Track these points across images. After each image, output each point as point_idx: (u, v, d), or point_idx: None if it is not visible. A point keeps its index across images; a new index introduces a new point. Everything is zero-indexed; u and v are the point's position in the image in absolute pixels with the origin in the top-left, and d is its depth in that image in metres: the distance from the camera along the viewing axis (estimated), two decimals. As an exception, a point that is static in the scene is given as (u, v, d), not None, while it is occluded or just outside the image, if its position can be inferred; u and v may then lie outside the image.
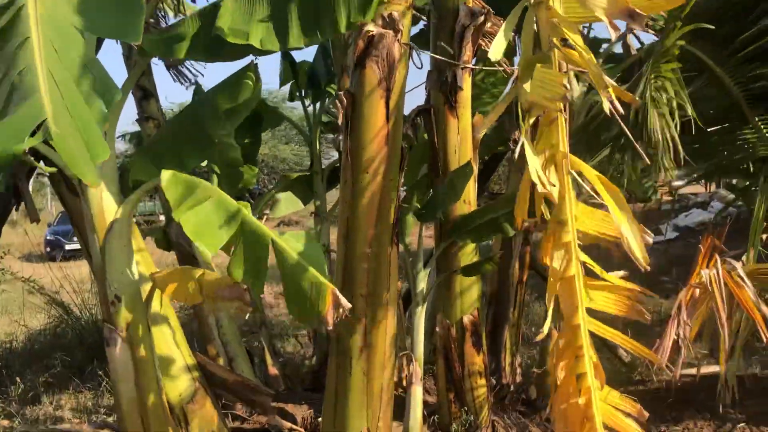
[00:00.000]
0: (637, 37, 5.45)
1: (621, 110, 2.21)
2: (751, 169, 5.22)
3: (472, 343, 5.02)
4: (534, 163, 2.30)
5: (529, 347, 7.22)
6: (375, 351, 3.98)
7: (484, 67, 5.38)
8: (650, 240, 2.23)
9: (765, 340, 3.39)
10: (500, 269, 6.11)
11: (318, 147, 6.71)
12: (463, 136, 4.82)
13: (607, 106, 2.20)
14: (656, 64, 4.40)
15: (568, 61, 2.30)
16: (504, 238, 5.88)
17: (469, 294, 5.05)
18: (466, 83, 4.76)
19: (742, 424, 4.68)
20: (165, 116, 6.16)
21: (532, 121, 2.41)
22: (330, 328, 3.17)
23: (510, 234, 4.89)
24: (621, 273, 2.47)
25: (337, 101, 3.84)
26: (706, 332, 4.38)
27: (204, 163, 6.04)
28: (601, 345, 6.84)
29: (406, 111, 5.00)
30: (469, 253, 5.04)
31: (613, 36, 2.17)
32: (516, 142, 5.65)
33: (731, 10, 4.76)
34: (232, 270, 3.26)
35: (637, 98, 2.44)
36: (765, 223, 4.78)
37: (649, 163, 4.44)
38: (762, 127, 4.82)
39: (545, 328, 2.49)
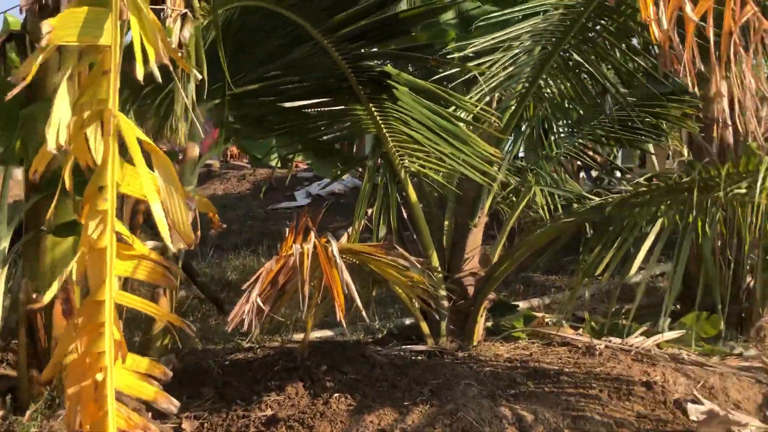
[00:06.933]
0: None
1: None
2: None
3: (62, 312, 4.46)
4: (62, 116, 1.96)
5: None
6: None
7: None
8: (192, 207, 2.12)
9: (338, 317, 3.51)
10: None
11: None
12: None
13: (141, 72, 2.02)
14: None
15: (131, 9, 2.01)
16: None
17: (63, 257, 4.48)
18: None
19: (337, 394, 4.81)
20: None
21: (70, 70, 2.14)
22: None
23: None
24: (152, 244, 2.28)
25: None
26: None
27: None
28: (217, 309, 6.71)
29: None
30: (68, 211, 4.44)
31: None
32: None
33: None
34: None
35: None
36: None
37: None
38: (371, 105, 4.84)
39: (46, 297, 2.35)
